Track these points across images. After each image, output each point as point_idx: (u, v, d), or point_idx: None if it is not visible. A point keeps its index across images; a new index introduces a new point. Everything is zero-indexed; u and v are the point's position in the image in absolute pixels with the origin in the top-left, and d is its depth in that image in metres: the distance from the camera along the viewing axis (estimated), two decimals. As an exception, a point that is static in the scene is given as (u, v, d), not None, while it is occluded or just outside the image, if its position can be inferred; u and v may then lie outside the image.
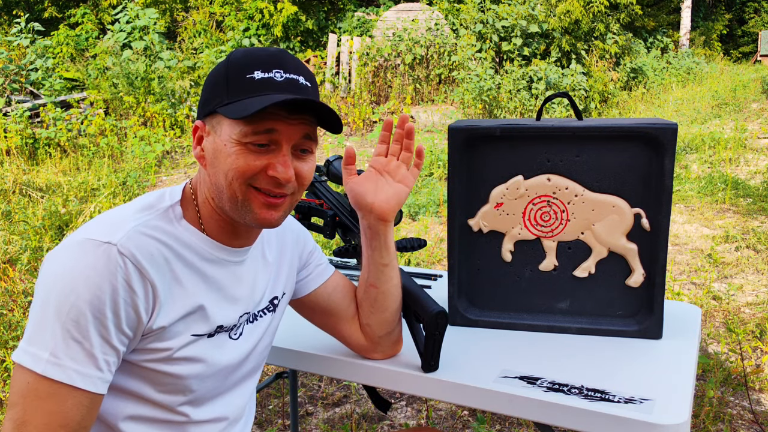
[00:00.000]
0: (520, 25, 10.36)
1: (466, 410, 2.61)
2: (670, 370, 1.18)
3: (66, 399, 0.87)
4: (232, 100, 0.93)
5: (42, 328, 0.87)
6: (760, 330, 3.16)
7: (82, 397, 0.88)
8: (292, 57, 0.98)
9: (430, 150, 7.10)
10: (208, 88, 0.98)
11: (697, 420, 2.40)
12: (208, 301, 1.00)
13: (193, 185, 1.03)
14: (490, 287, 1.39)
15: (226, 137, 0.94)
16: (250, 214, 0.96)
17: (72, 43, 12.05)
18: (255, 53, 0.96)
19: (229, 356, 1.05)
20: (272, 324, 1.16)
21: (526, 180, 1.32)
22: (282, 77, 0.94)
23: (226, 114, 0.92)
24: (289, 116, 0.94)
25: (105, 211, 0.99)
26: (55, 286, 0.87)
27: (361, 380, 1.25)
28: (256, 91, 0.93)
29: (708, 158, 6.87)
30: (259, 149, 0.94)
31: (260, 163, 0.94)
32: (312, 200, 1.65)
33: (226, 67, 0.96)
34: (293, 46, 12.38)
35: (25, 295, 3.15)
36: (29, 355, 0.86)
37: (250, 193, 0.95)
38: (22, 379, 0.87)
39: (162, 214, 0.98)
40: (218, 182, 0.96)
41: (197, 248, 0.99)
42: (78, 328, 0.86)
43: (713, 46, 18.39)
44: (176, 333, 0.96)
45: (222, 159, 0.94)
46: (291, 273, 1.18)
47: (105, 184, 6.09)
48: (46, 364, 0.86)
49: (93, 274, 0.87)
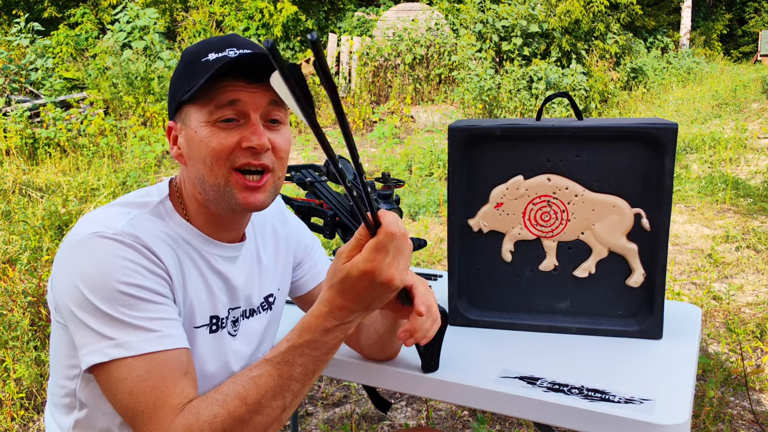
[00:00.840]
0: (520, 24, 10.36)
1: (466, 410, 2.60)
2: (670, 370, 1.18)
3: (167, 364, 0.87)
4: (192, 86, 0.93)
5: (105, 324, 0.86)
6: (760, 330, 3.16)
7: (180, 355, 0.89)
8: (245, 38, 0.98)
9: (430, 150, 7.10)
10: (171, 87, 0.98)
11: (697, 420, 2.40)
12: (202, 290, 1.00)
13: (177, 184, 1.03)
14: (490, 287, 1.39)
15: (195, 124, 0.94)
16: (233, 199, 0.96)
17: (72, 43, 12.06)
18: (207, 40, 0.97)
19: (228, 352, 1.05)
20: (272, 324, 1.16)
21: (526, 180, 1.32)
22: (236, 53, 0.93)
23: (188, 99, 0.93)
24: (249, 85, 0.92)
25: (90, 212, 0.99)
26: (86, 285, 0.87)
27: (361, 380, 1.25)
28: (211, 70, 0.91)
29: (708, 158, 6.86)
30: (227, 125, 0.93)
31: (233, 139, 0.93)
32: (312, 200, 1.65)
33: (182, 59, 0.97)
34: (293, 46, 12.38)
35: (25, 295, 3.15)
36: (115, 347, 0.85)
37: (231, 177, 0.94)
38: (123, 376, 0.85)
39: (153, 209, 0.98)
40: (199, 172, 0.95)
41: (190, 240, 0.99)
42: (133, 306, 0.87)
43: (713, 46, 18.39)
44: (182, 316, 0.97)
45: (196, 146, 0.94)
46: (286, 270, 1.18)
47: (105, 184, 6.09)
48: (137, 343, 0.85)
49: (112, 258, 0.87)
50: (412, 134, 8.59)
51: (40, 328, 3.00)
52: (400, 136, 8.57)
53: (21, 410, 2.55)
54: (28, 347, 2.84)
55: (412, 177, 6.42)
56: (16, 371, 2.66)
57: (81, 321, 0.87)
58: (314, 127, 0.63)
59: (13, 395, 2.57)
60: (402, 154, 7.16)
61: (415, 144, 7.63)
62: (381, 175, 1.41)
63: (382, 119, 9.22)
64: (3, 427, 2.45)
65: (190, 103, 0.94)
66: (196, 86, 0.91)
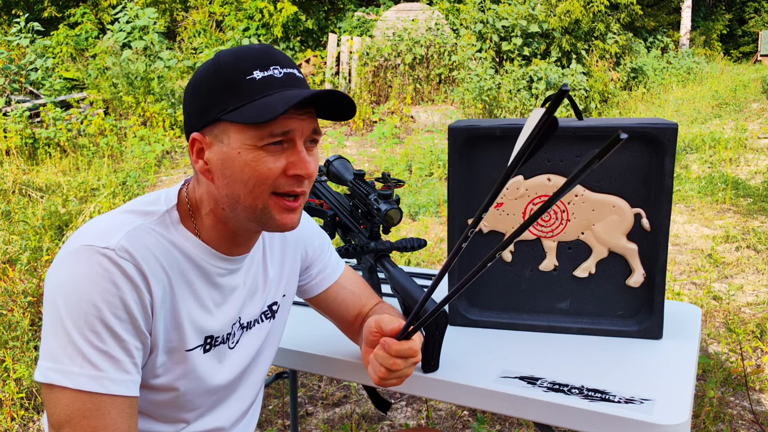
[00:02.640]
0: (520, 24, 10.35)
1: (466, 410, 2.60)
2: (670, 370, 1.18)
3: (109, 410, 0.85)
4: (238, 105, 0.89)
5: (62, 343, 0.84)
6: (760, 330, 3.16)
7: (123, 405, 0.86)
8: (281, 51, 0.96)
9: (430, 150, 7.10)
10: (200, 97, 0.93)
11: (698, 420, 2.39)
12: (195, 312, 0.98)
13: (189, 195, 0.99)
14: (490, 287, 1.39)
15: (238, 144, 0.90)
16: (271, 221, 0.94)
17: (72, 43, 12.06)
18: (245, 52, 0.93)
19: (227, 369, 1.04)
20: (275, 331, 1.15)
21: (526, 180, 1.32)
22: (281, 73, 0.92)
23: (239, 120, 0.89)
24: (298, 111, 0.91)
25: (99, 216, 0.97)
26: (63, 298, 0.85)
27: (361, 380, 1.25)
28: (262, 92, 0.89)
29: (708, 158, 6.86)
30: (275, 148, 0.90)
31: (280, 165, 0.91)
32: (312, 200, 1.65)
33: (217, 72, 0.92)
34: (293, 46, 12.38)
35: (25, 295, 3.15)
36: (57, 372, 0.84)
37: (271, 201, 0.93)
38: (58, 399, 0.84)
39: (158, 219, 0.95)
40: (234, 193, 0.92)
41: (192, 255, 0.96)
42: (97, 335, 0.85)
43: (713, 46, 18.38)
44: (169, 341, 0.95)
45: (237, 168, 0.90)
46: (292, 276, 1.16)
47: (105, 184, 6.09)
48: (79, 377, 0.83)
49: (98, 279, 0.85)
50: (412, 134, 8.59)
51: (39, 328, 3.00)
52: (400, 136, 8.57)
53: (21, 410, 2.55)
54: (28, 347, 2.84)
55: (412, 177, 6.42)
56: (16, 371, 2.66)
57: (46, 329, 0.86)
58: (504, 179, 0.75)
59: (13, 395, 2.57)
60: (402, 154, 7.17)
61: (415, 144, 7.64)
62: (381, 175, 1.41)
63: (382, 119, 9.22)
64: (3, 427, 2.45)
65: (234, 122, 0.90)
66: (255, 113, 0.88)
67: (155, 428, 0.99)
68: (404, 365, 1.02)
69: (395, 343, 1.00)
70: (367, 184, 1.45)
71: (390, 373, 1.02)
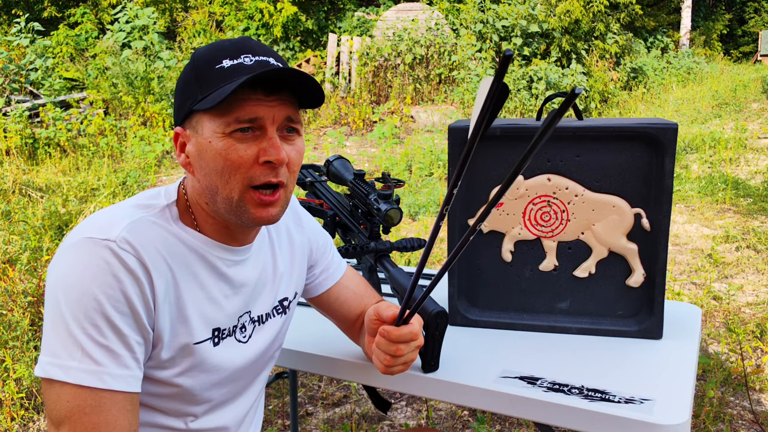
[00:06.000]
0: (520, 24, 10.36)
1: (466, 410, 2.60)
2: (670, 370, 1.18)
3: (110, 407, 0.84)
4: (205, 94, 0.89)
5: (62, 337, 0.83)
6: (760, 330, 3.16)
7: (124, 401, 0.86)
8: (258, 42, 0.95)
9: (430, 150, 7.10)
10: (179, 92, 0.94)
11: (698, 420, 2.40)
12: (203, 304, 0.97)
13: (186, 191, 1.00)
14: (490, 287, 1.39)
15: (209, 133, 0.90)
16: (246, 214, 0.93)
17: (72, 43, 12.06)
18: (219, 44, 0.93)
19: (239, 362, 1.04)
20: (284, 326, 1.15)
21: (526, 180, 1.32)
22: (252, 60, 0.91)
23: (202, 108, 0.89)
24: (267, 97, 0.90)
25: (100, 210, 0.96)
26: (63, 292, 0.84)
27: (361, 380, 1.25)
28: (228, 79, 0.88)
29: (708, 158, 6.86)
30: (244, 135, 0.89)
31: (251, 152, 0.90)
32: (312, 200, 1.65)
33: (192, 64, 0.93)
34: (293, 46, 12.38)
35: (25, 295, 3.15)
36: (56, 366, 0.83)
37: (247, 194, 0.92)
38: (59, 395, 0.83)
39: (159, 212, 0.95)
40: (212, 183, 0.92)
41: (195, 246, 0.96)
42: (98, 329, 0.84)
43: (713, 46, 18.39)
44: (176, 335, 0.94)
45: (211, 157, 0.90)
46: (301, 275, 1.17)
47: (105, 184, 6.09)
48: (78, 372, 0.82)
49: (99, 272, 0.84)
50: (412, 134, 8.59)
51: (39, 328, 3.00)
52: (400, 136, 8.57)
53: (21, 410, 2.55)
54: (28, 347, 2.84)
55: (412, 177, 6.42)
56: (16, 371, 2.66)
57: (47, 324, 0.86)
58: (470, 142, 0.74)
59: (13, 395, 2.57)
60: (402, 154, 7.17)
61: (415, 144, 7.64)
62: (381, 175, 1.41)
63: (382, 119, 9.22)
64: (3, 427, 2.45)
65: (204, 111, 0.90)
66: (215, 97, 0.87)
67: (163, 421, 0.98)
68: (407, 350, 1.03)
69: (394, 329, 1.02)
70: (367, 184, 1.45)
71: (394, 359, 1.03)
